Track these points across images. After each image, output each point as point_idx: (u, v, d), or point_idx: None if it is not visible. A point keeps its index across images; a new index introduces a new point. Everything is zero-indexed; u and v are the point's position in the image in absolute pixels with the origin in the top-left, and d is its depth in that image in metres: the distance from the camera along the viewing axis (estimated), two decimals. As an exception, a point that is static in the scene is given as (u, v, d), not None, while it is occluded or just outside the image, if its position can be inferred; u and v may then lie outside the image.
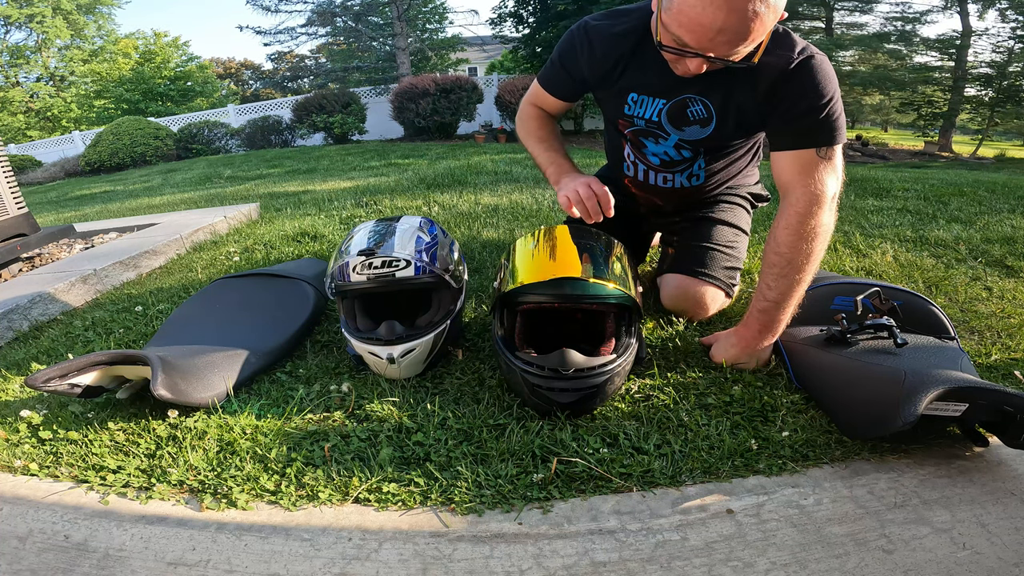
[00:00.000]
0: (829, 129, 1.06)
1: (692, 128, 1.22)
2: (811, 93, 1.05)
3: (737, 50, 0.95)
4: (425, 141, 9.29)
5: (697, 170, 1.32)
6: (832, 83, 1.06)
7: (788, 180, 1.10)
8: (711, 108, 1.17)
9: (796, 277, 1.08)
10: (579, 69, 1.27)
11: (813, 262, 1.08)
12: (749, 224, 1.48)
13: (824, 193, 1.06)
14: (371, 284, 1.13)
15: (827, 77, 1.05)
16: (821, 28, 14.79)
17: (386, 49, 14.94)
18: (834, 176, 1.07)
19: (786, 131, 1.10)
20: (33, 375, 1.00)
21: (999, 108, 13.42)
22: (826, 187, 1.06)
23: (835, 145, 1.07)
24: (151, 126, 9.95)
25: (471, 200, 2.87)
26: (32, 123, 20.02)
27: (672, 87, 1.17)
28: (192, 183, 5.68)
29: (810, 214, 1.06)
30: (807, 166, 1.07)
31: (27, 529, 0.87)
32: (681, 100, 1.19)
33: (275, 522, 0.85)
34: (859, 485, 0.86)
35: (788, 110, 1.08)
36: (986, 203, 2.52)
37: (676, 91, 1.18)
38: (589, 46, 1.23)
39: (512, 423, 1.00)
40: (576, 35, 1.25)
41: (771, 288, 1.10)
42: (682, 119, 1.22)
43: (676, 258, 1.40)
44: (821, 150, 1.06)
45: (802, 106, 1.06)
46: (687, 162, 1.31)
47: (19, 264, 2.21)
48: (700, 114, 1.19)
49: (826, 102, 1.05)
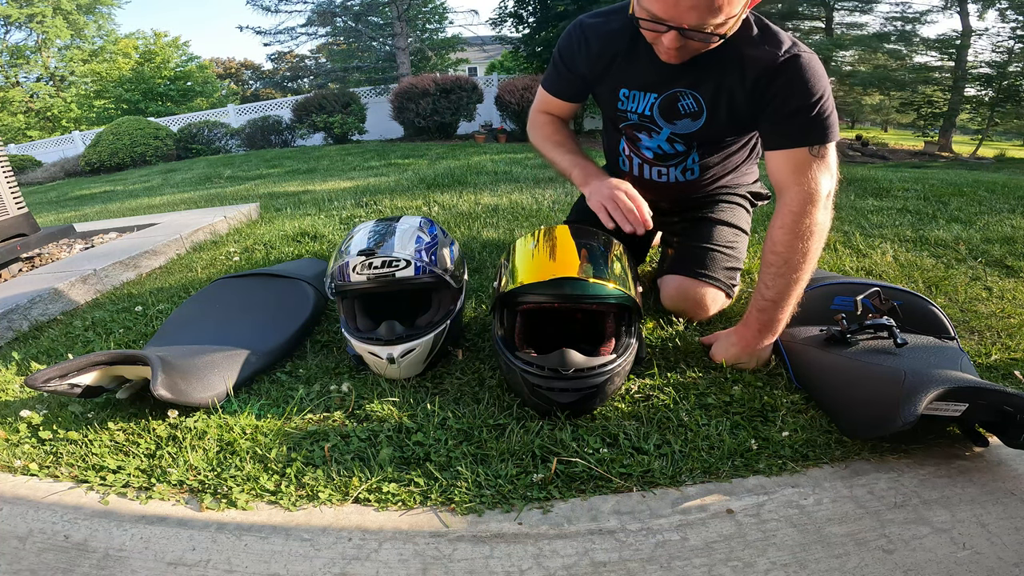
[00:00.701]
0: (821, 128, 1.06)
1: (683, 122, 1.22)
2: (800, 91, 1.05)
3: (707, 21, 0.94)
4: (425, 141, 9.28)
5: (691, 164, 1.32)
6: (821, 81, 1.05)
7: (782, 179, 1.10)
8: (701, 102, 1.18)
9: (793, 276, 1.08)
10: (578, 67, 1.28)
11: (810, 260, 1.08)
12: (749, 223, 1.48)
13: (818, 192, 1.06)
14: (371, 284, 1.13)
15: (816, 75, 1.05)
16: (821, 28, 14.79)
17: (386, 49, 14.94)
18: (828, 174, 1.07)
19: (777, 130, 1.10)
20: (33, 375, 1.00)
21: (999, 108, 13.43)
22: (820, 186, 1.06)
23: (828, 143, 1.07)
24: (151, 126, 9.94)
25: (471, 200, 2.87)
26: (32, 123, 20.01)
27: (663, 81, 1.18)
28: (192, 183, 5.68)
29: (805, 213, 1.06)
30: (800, 165, 1.07)
31: (27, 529, 0.87)
32: (672, 94, 1.19)
33: (275, 522, 0.85)
34: (859, 485, 0.86)
35: (778, 109, 1.08)
36: (986, 203, 2.52)
37: (667, 85, 1.18)
38: (586, 43, 1.24)
39: (512, 423, 1.00)
40: (573, 33, 1.26)
41: (769, 287, 1.10)
42: (673, 113, 1.22)
43: (676, 259, 1.40)
44: (814, 148, 1.06)
45: (792, 105, 1.06)
46: (681, 156, 1.31)
47: (19, 264, 2.21)
48: (691, 107, 1.19)
49: (816, 100, 1.04)
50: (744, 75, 1.09)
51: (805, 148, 1.06)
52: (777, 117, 1.09)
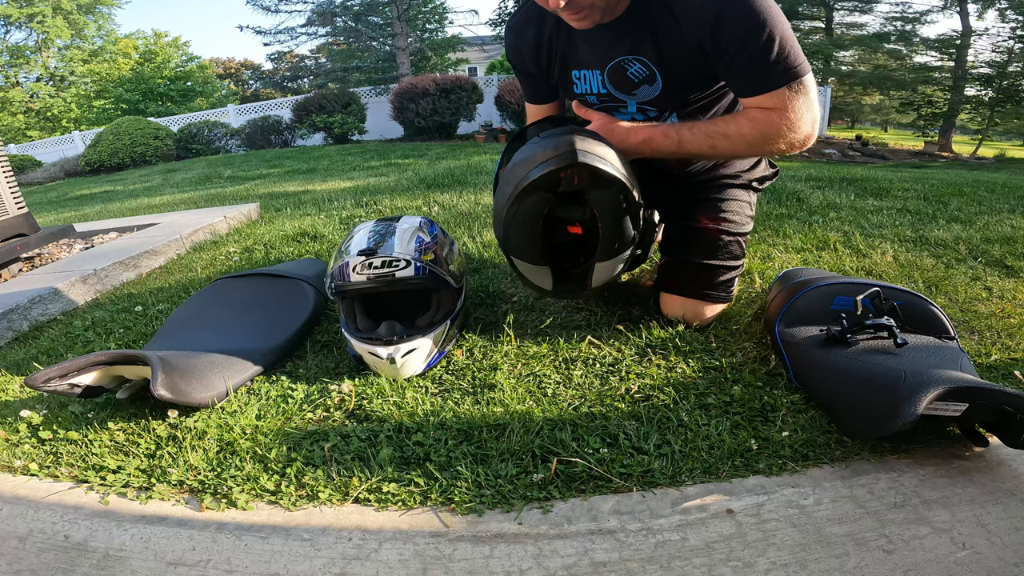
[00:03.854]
0: (788, 64, 0.99)
1: (641, 89, 1.17)
2: (754, 31, 0.97)
3: None
4: (425, 141, 9.29)
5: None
6: (771, 10, 0.97)
7: None
8: (650, 65, 1.12)
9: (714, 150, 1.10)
10: (528, 66, 1.28)
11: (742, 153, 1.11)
12: (752, 214, 1.39)
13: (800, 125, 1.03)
14: (371, 284, 1.13)
15: (764, 6, 0.96)
16: (821, 28, 14.80)
17: (386, 49, 14.95)
18: (811, 109, 1.04)
19: (743, 80, 1.05)
20: (33, 375, 1.00)
21: (999, 108, 13.43)
22: (802, 120, 1.03)
23: (804, 76, 1.01)
24: (151, 126, 9.95)
25: (471, 200, 2.87)
26: (32, 123, 20.01)
27: (601, 54, 1.15)
28: (192, 183, 5.68)
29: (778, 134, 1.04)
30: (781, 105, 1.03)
31: (27, 529, 0.87)
32: (616, 64, 1.14)
33: (275, 522, 0.85)
34: (859, 485, 0.86)
35: (734, 57, 1.02)
36: (986, 203, 2.52)
37: (607, 57, 1.14)
38: (521, 40, 1.25)
39: (512, 423, 1.00)
40: (507, 38, 1.29)
41: (689, 138, 1.10)
42: (627, 83, 1.17)
43: (676, 277, 1.35)
44: (792, 86, 1.01)
45: (751, 48, 0.99)
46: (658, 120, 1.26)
47: (19, 264, 2.21)
48: (642, 73, 1.14)
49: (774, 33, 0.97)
50: (679, 25, 1.03)
51: (783, 88, 1.02)
52: (735, 66, 1.03)
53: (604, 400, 1.07)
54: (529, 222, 1.05)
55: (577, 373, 1.16)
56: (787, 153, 1.07)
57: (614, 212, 1.05)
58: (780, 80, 1.02)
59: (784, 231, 2.03)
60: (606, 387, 1.11)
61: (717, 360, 1.18)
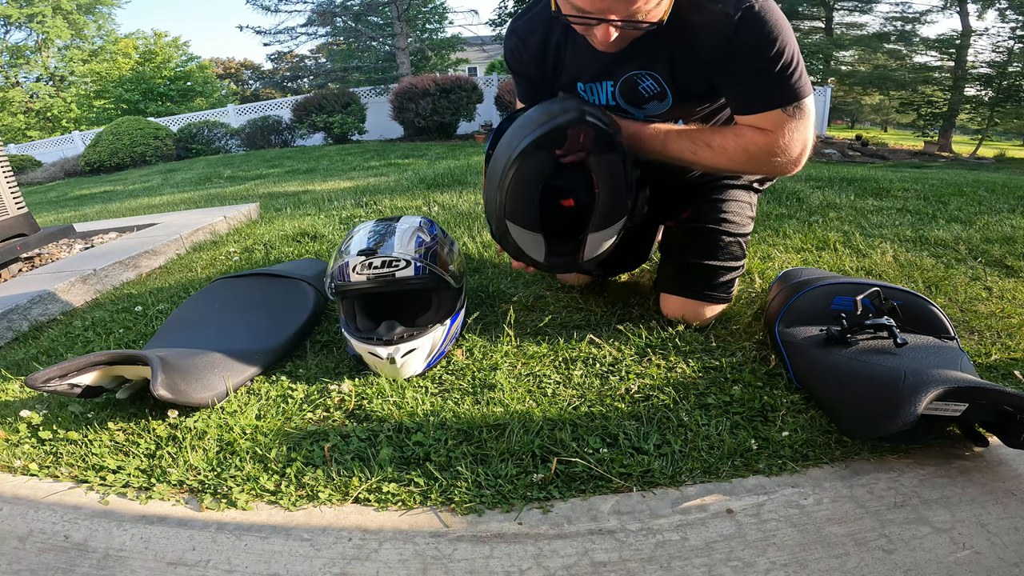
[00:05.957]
0: (792, 84, 0.99)
1: (651, 104, 1.17)
2: (765, 46, 0.96)
3: (636, 7, 0.90)
4: (425, 141, 9.29)
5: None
6: (783, 29, 0.96)
7: None
8: (662, 82, 1.11)
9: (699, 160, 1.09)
10: (528, 70, 1.26)
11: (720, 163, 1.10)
12: (753, 215, 1.39)
13: (791, 149, 1.03)
14: (371, 284, 1.13)
15: (777, 24, 0.95)
16: (821, 28, 14.81)
17: (386, 49, 14.95)
18: (806, 133, 1.03)
19: (746, 93, 1.04)
20: (33, 375, 1.00)
21: (999, 108, 13.44)
22: (794, 144, 1.03)
23: (804, 99, 1.00)
24: (151, 126, 9.95)
25: (471, 200, 2.87)
26: (32, 123, 20.03)
27: (613, 67, 1.13)
28: (192, 183, 5.68)
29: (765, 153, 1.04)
30: (775, 125, 1.02)
31: (27, 529, 0.87)
32: (628, 78, 1.13)
33: (275, 522, 0.85)
34: (859, 485, 0.86)
35: (742, 67, 1.00)
36: (986, 203, 2.52)
37: (619, 70, 1.13)
38: (523, 45, 1.22)
39: (512, 423, 1.00)
40: (508, 41, 1.26)
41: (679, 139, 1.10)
42: (637, 97, 1.16)
43: (677, 277, 1.35)
44: (788, 109, 1.00)
45: (757, 63, 0.98)
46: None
47: (19, 264, 2.21)
48: (653, 89, 1.13)
49: (781, 51, 0.96)
50: (694, 44, 1.02)
51: (779, 109, 1.01)
52: (743, 74, 1.01)
53: (604, 400, 1.07)
54: (531, 182, 1.04)
55: (577, 373, 1.16)
56: (774, 175, 1.06)
57: (613, 178, 1.05)
58: (781, 99, 1.01)
59: (784, 231, 2.03)
60: (606, 387, 1.11)
61: (717, 360, 1.18)
